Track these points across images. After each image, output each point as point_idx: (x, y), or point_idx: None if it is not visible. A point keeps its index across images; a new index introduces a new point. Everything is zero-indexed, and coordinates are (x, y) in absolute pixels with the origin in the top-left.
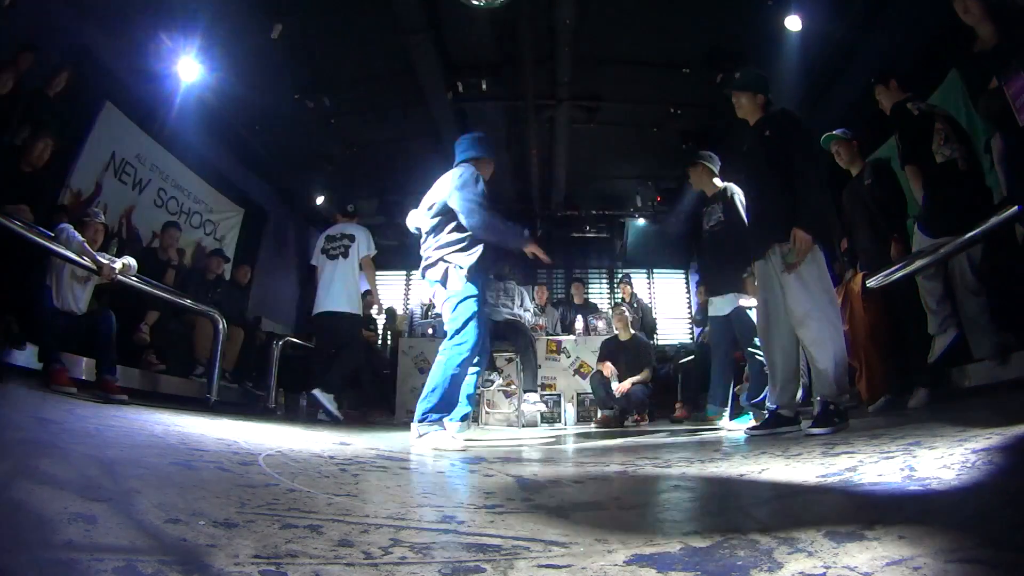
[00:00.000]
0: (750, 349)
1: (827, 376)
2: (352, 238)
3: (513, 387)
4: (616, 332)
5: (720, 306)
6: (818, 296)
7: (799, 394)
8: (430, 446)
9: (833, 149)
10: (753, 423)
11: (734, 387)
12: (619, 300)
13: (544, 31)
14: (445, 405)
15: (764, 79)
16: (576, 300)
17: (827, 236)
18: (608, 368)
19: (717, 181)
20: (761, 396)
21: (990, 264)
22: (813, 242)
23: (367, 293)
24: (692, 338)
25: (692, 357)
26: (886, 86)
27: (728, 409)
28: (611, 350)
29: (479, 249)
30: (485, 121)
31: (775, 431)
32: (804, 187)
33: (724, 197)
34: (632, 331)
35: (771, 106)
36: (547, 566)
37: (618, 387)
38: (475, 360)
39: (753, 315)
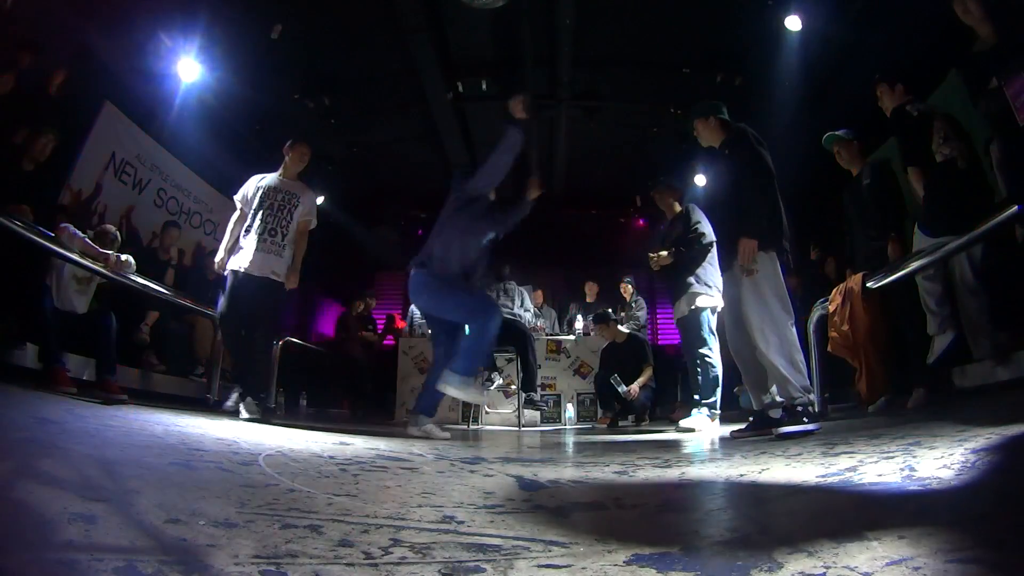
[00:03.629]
0: (700, 350)
1: (785, 380)
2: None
3: (513, 387)
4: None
5: (675, 315)
6: (771, 302)
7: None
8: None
9: (834, 149)
10: (705, 420)
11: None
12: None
13: (544, 31)
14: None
15: (713, 104)
16: (588, 299)
17: (776, 242)
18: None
19: (677, 205)
20: (713, 398)
21: (990, 264)
22: (759, 248)
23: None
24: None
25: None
26: (891, 87)
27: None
28: (611, 356)
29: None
30: (485, 121)
31: (761, 433)
32: (749, 196)
33: (682, 217)
34: (626, 331)
35: (730, 127)
36: (547, 566)
37: (631, 390)
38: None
39: (705, 317)
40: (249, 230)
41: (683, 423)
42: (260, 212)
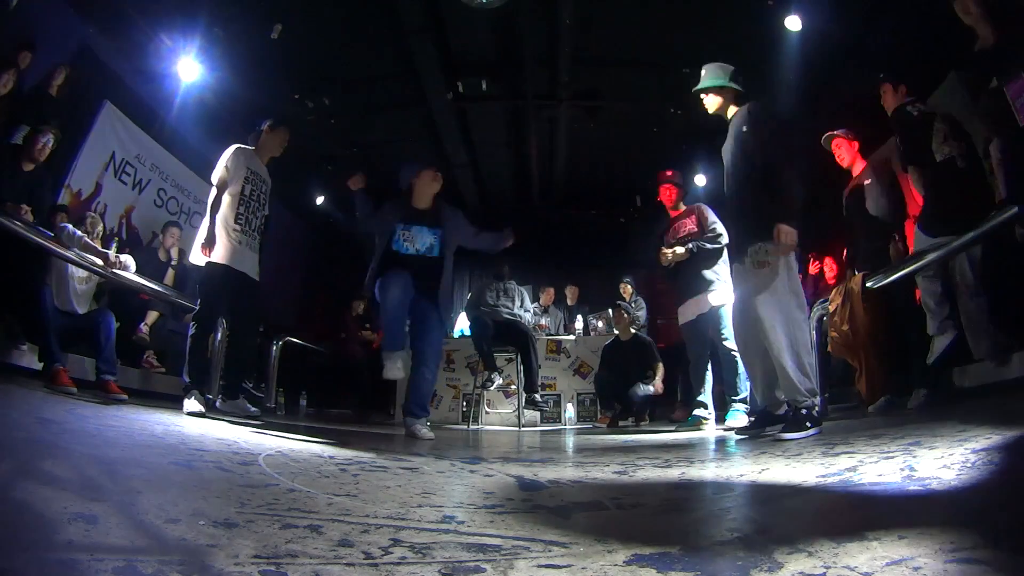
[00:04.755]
0: (726, 344)
1: (792, 380)
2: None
3: (513, 387)
4: (616, 333)
5: (685, 312)
6: (785, 299)
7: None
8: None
9: (834, 149)
10: (744, 416)
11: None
12: (619, 303)
13: (544, 31)
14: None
15: (729, 70)
16: (569, 301)
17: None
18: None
19: (681, 203)
20: (745, 393)
21: (990, 264)
22: (765, 242)
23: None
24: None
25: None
26: (894, 87)
27: (710, 412)
28: (613, 353)
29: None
30: (485, 121)
31: (764, 431)
32: (786, 183)
33: (693, 215)
34: (632, 331)
35: (744, 99)
36: (547, 566)
37: (656, 386)
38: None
39: (724, 313)
40: (237, 220)
41: (729, 423)
42: (249, 203)
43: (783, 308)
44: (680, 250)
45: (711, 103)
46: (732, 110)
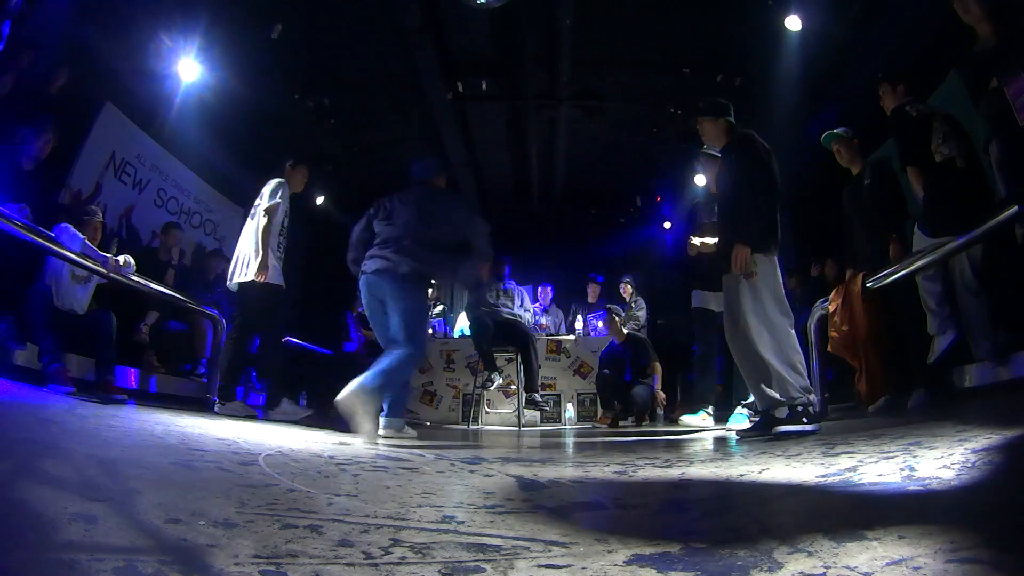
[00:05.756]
0: None
1: (784, 380)
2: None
3: (513, 387)
4: (612, 337)
5: (705, 298)
6: (768, 305)
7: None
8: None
9: (834, 148)
10: (743, 424)
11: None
12: (609, 306)
13: (544, 31)
14: None
15: (725, 105)
16: (590, 299)
17: (770, 247)
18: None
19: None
20: (750, 400)
21: (990, 264)
22: (755, 251)
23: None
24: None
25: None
26: (893, 87)
27: (711, 409)
28: (611, 355)
29: None
30: (485, 121)
31: (764, 433)
32: (747, 202)
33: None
34: (626, 331)
35: (736, 131)
36: (547, 566)
37: (657, 393)
38: None
39: None
40: (279, 247)
41: (731, 425)
42: (284, 232)
43: (766, 314)
44: (711, 242)
45: (708, 131)
46: (723, 141)
